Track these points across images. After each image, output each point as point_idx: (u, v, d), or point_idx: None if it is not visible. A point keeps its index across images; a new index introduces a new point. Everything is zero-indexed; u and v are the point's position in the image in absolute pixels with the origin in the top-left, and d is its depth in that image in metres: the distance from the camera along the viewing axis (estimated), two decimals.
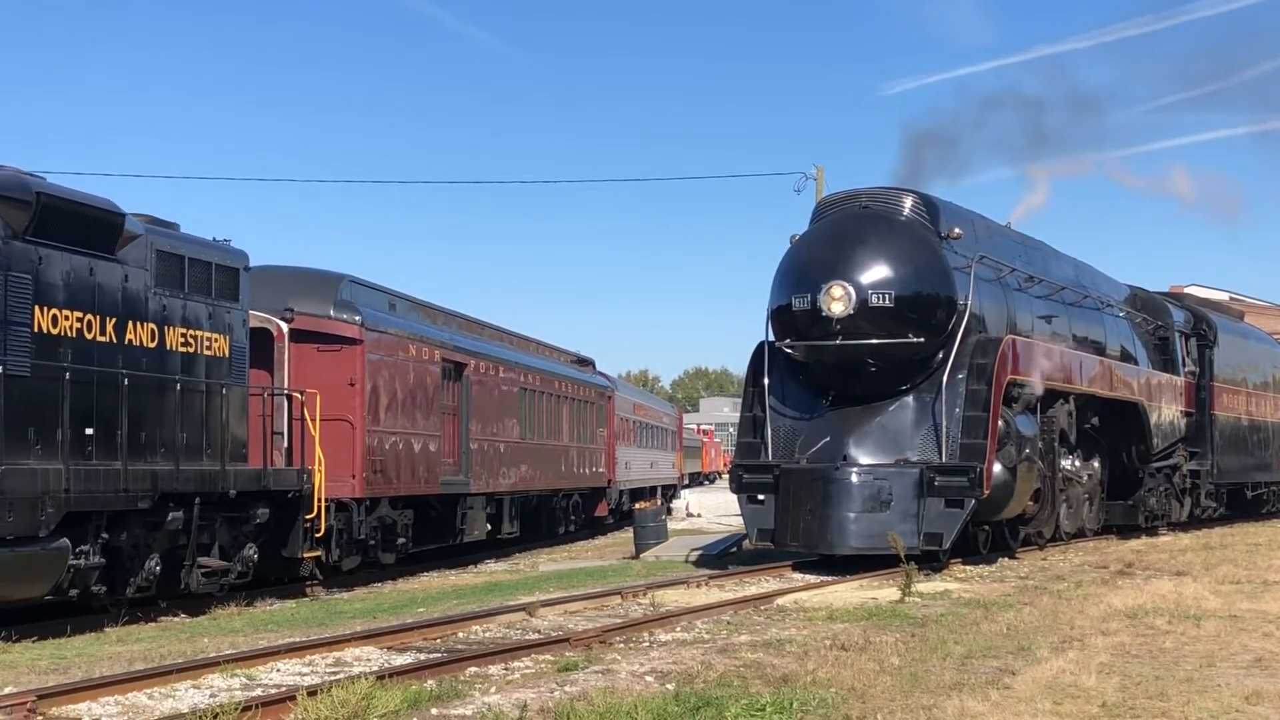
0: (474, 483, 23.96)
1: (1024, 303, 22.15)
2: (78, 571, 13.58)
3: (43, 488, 12.95)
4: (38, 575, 13.05)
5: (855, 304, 18.90)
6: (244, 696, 8.81)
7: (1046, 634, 11.92)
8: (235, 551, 16.44)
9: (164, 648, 12.12)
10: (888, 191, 20.44)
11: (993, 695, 8.80)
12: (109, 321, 14.22)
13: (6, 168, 13.60)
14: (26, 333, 13.07)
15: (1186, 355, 29.54)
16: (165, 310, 15.17)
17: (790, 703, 8.38)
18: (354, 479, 19.35)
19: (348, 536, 19.36)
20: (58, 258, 13.53)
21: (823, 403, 19.71)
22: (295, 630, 13.47)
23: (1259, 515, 33.54)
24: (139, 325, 14.69)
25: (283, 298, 18.81)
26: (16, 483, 12.65)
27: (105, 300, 14.19)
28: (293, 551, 17.58)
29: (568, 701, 8.40)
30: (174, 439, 15.15)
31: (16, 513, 12.59)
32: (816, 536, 18.56)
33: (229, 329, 16.34)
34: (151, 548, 14.88)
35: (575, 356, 35.54)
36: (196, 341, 15.70)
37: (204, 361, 15.85)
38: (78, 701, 8.93)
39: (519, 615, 13.65)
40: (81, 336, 13.77)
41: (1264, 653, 10.79)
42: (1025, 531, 21.70)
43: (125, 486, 14.11)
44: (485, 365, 24.99)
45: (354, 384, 19.46)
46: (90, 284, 14.00)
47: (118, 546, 14.36)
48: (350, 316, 19.63)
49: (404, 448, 20.90)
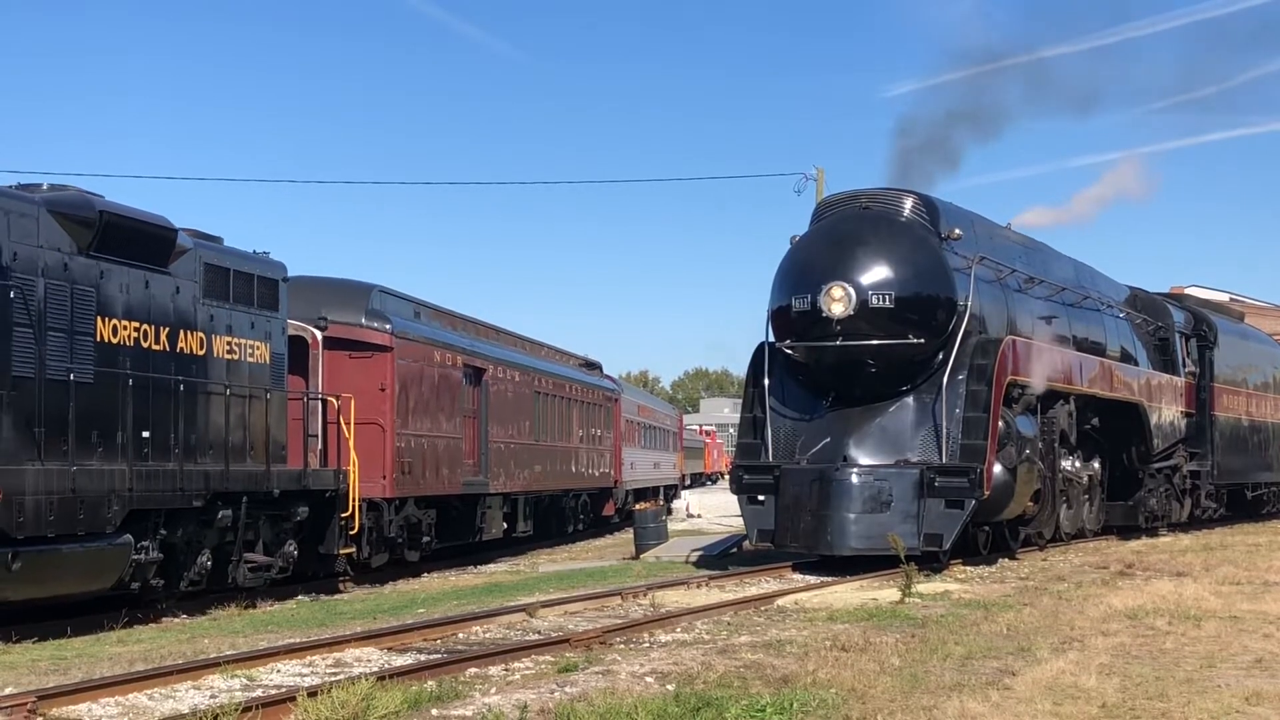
0: (493, 483, 24.89)
1: (1024, 303, 22.15)
2: (138, 566, 14.52)
3: (109, 487, 13.93)
4: (105, 569, 13.96)
5: (855, 305, 18.89)
6: (244, 697, 8.82)
7: (1047, 635, 11.91)
8: (277, 548, 17.41)
9: (164, 648, 12.13)
10: (888, 192, 20.43)
11: (993, 696, 8.80)
12: (162, 331, 15.14)
13: (69, 188, 14.45)
14: (90, 342, 13.99)
15: (1187, 356, 29.53)
16: (212, 320, 16.10)
17: (790, 703, 8.38)
18: (384, 479, 20.23)
19: (378, 534, 20.24)
20: (117, 271, 14.44)
21: (823, 403, 19.70)
22: (295, 631, 13.47)
23: (1259, 516, 33.53)
24: (189, 334, 15.64)
25: (317, 307, 19.64)
26: (86, 483, 13.61)
27: (159, 311, 15.11)
28: (329, 548, 18.45)
29: (568, 702, 8.40)
30: (221, 441, 16.08)
31: (86, 511, 13.54)
32: (817, 537, 18.55)
33: (269, 337, 17.23)
34: (203, 544, 15.88)
35: (583, 360, 36.31)
36: (240, 349, 16.61)
37: (247, 368, 16.74)
38: (78, 702, 8.94)
39: (519, 616, 13.66)
40: (138, 345, 14.72)
41: (1264, 653, 10.79)
42: (1025, 532, 21.70)
43: (181, 486, 15.13)
44: (502, 370, 26.00)
45: (384, 389, 20.35)
46: (146, 296, 14.93)
47: (173, 543, 15.30)
48: (381, 325, 20.61)
49: (429, 449, 21.82)
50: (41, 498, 13.04)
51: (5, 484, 12.61)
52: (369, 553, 19.96)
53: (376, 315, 20.72)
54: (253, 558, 16.87)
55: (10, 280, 13.00)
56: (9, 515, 12.59)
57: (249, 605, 16.45)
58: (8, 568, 12.58)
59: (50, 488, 13.18)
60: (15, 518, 12.66)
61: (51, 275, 13.56)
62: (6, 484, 12.63)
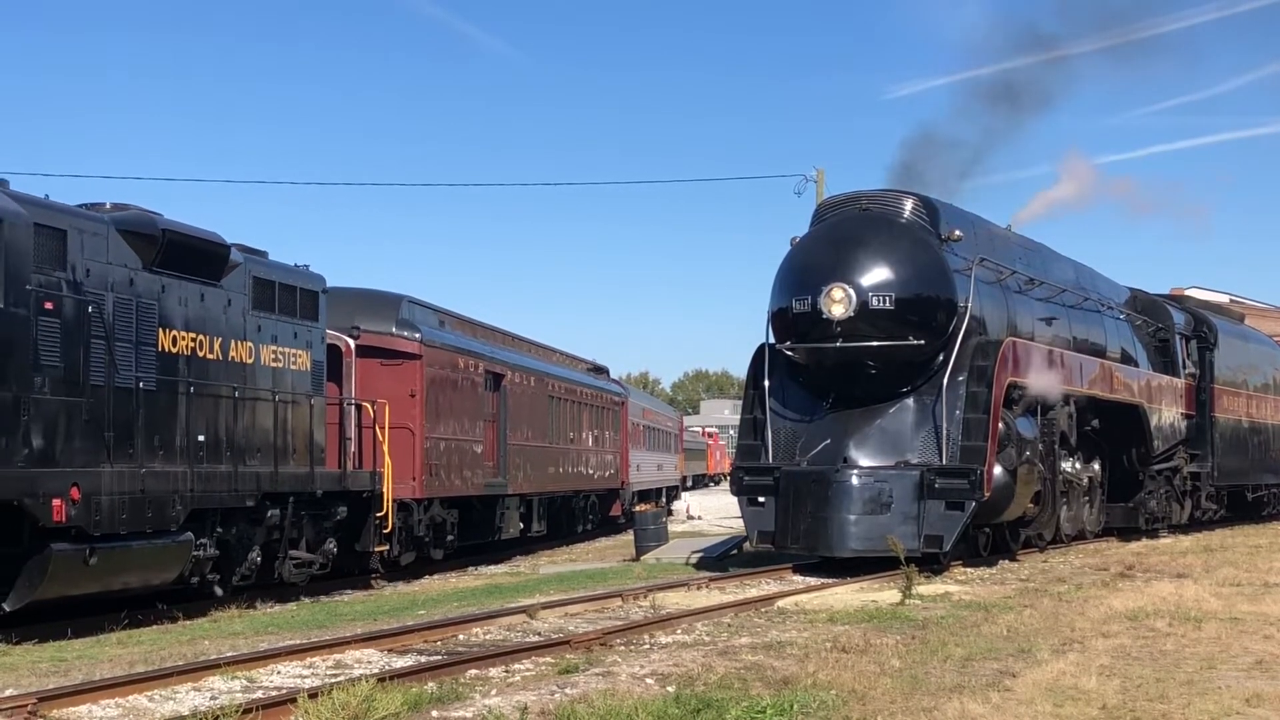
0: (511, 484, 25.85)
1: (1024, 305, 22.16)
2: (197, 561, 15.56)
3: (172, 488, 14.99)
4: (169, 564, 15.00)
5: (855, 306, 18.90)
6: (244, 699, 8.83)
7: (1047, 636, 11.92)
8: (318, 545, 18.46)
9: (164, 650, 12.13)
10: (888, 194, 20.44)
11: (993, 697, 8.80)
12: (215, 341, 16.10)
13: (133, 207, 15.14)
14: (153, 352, 14.93)
15: (1187, 357, 29.54)
16: (260, 330, 17.02)
17: (791, 705, 8.39)
18: (414, 481, 21.16)
19: (406, 534, 21.11)
20: (176, 286, 15.37)
21: (823, 405, 19.71)
22: (295, 633, 13.48)
23: (1259, 517, 33.53)
24: (239, 344, 16.57)
25: (350, 316, 20.46)
26: (153, 484, 14.63)
27: (213, 322, 16.06)
28: (365, 546, 19.57)
29: (568, 704, 8.40)
30: (269, 445, 17.04)
31: (153, 509, 14.59)
32: (817, 539, 18.56)
33: (310, 346, 18.23)
34: (253, 541, 16.88)
35: (591, 364, 37.28)
36: (285, 357, 17.59)
37: (291, 375, 17.70)
38: (78, 704, 8.94)
39: (520, 617, 13.66)
40: (195, 354, 15.70)
41: (1265, 655, 10.79)
42: (1026, 534, 21.70)
43: (235, 487, 16.16)
44: (520, 375, 26.97)
45: (414, 395, 21.30)
46: (201, 309, 15.88)
47: (227, 540, 16.33)
48: (410, 334, 21.58)
49: (454, 452, 22.84)
50: (114, 497, 13.97)
51: (84, 485, 13.49)
52: (399, 551, 20.82)
53: (406, 324, 21.66)
54: (297, 554, 17.91)
55: (84, 295, 13.87)
56: (87, 514, 13.50)
57: (249, 606, 16.49)
58: (85, 562, 13.49)
59: (122, 488, 14.11)
60: (92, 516, 13.58)
61: (119, 290, 14.42)
62: (85, 485, 13.50)
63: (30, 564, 13.07)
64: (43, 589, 13.13)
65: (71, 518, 13.25)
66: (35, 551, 13.06)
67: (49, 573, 13.08)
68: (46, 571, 13.06)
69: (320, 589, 18.69)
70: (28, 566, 13.07)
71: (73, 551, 13.35)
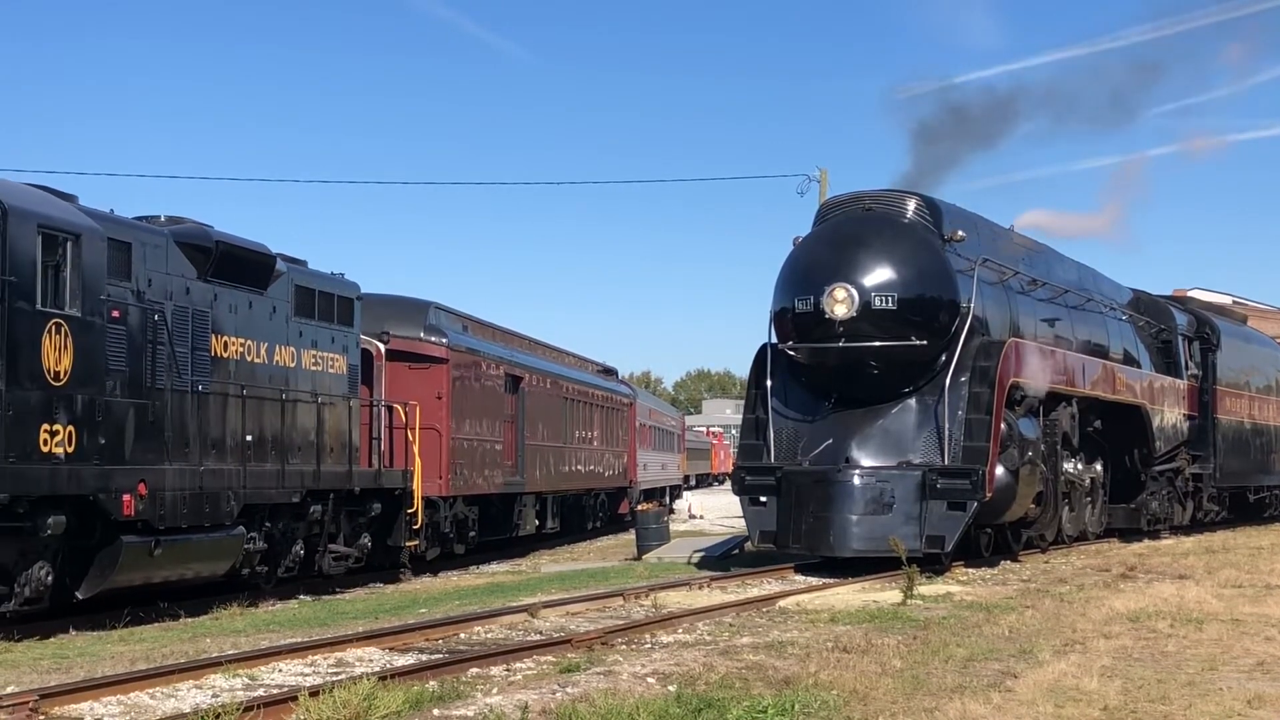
0: (528, 483, 26.86)
1: (1027, 306, 22.14)
2: (247, 554, 16.46)
3: (227, 485, 15.92)
4: (224, 556, 15.95)
5: (858, 306, 18.88)
6: (246, 697, 8.83)
7: (1048, 637, 11.92)
8: (354, 540, 19.43)
9: (166, 648, 12.13)
10: (891, 194, 20.42)
11: (994, 698, 8.80)
12: (262, 346, 16.99)
13: (188, 220, 16.02)
14: (207, 357, 15.86)
15: (1189, 359, 29.51)
16: (301, 335, 17.94)
17: (792, 705, 8.39)
18: (441, 479, 22.05)
19: (432, 529, 22.01)
20: (227, 294, 16.25)
21: (825, 405, 19.69)
22: (297, 631, 13.47)
23: (1261, 519, 33.51)
24: (283, 349, 17.49)
25: (380, 322, 21.32)
26: (210, 481, 15.56)
27: (259, 328, 16.94)
28: (397, 541, 20.46)
29: (569, 703, 8.40)
30: (309, 444, 17.94)
31: (210, 505, 15.54)
32: (818, 539, 18.55)
33: (346, 350, 19.15)
34: (296, 535, 17.89)
35: (601, 366, 38.32)
36: (324, 361, 18.53)
37: (329, 378, 18.63)
38: (80, 701, 8.94)
39: (521, 616, 13.66)
40: (243, 359, 16.60)
41: (1266, 656, 10.78)
42: (1027, 534, 21.68)
43: (283, 484, 17.10)
44: (536, 378, 28.00)
45: (441, 397, 22.18)
46: (249, 315, 16.78)
47: (273, 534, 17.29)
48: (438, 339, 22.50)
49: (477, 452, 23.79)
50: (176, 493, 14.94)
51: (150, 481, 14.40)
52: (425, 546, 21.64)
53: (433, 330, 22.56)
54: (335, 548, 18.85)
55: (147, 304, 14.75)
56: (153, 509, 14.44)
57: (251, 604, 16.51)
58: (151, 554, 14.48)
59: (182, 485, 15.06)
60: (158, 511, 14.54)
61: (177, 299, 15.33)
62: (151, 481, 14.41)
63: (103, 555, 13.98)
64: (114, 578, 14.03)
65: (139, 512, 14.15)
66: (106, 543, 13.96)
67: (119, 563, 13.98)
68: (118, 562, 13.97)
69: (354, 582, 19.59)
70: (100, 557, 13.97)
71: (140, 543, 14.28)
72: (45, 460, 12.98)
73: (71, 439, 13.33)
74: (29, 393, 12.86)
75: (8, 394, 12.57)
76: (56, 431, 13.20)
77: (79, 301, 13.51)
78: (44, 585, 13.30)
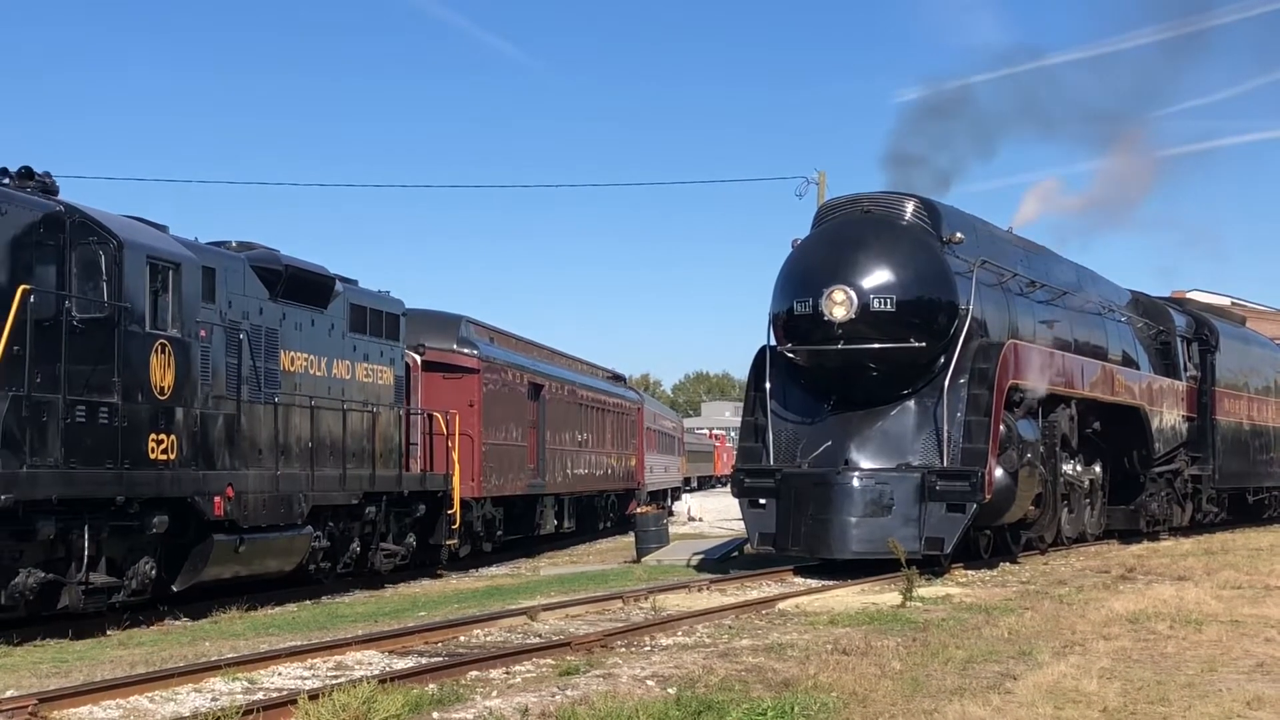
0: (549, 485, 28.43)
1: (1026, 307, 22.14)
2: (312, 551, 17.94)
3: (298, 487, 17.39)
4: (295, 553, 17.48)
5: (857, 308, 18.89)
6: (245, 700, 8.83)
7: (1048, 639, 11.92)
8: (401, 539, 20.81)
9: (165, 651, 12.13)
10: (889, 196, 20.42)
11: (994, 700, 8.80)
12: (322, 360, 18.45)
13: (259, 246, 17.42)
14: (277, 371, 17.31)
15: (1188, 360, 29.51)
16: (355, 349, 19.39)
17: (791, 707, 8.39)
18: (474, 482, 23.48)
19: (465, 529, 23.17)
20: (293, 312, 17.76)
21: (824, 407, 19.69)
22: (296, 634, 13.48)
23: (1260, 520, 33.49)
24: (340, 362, 18.93)
25: (416, 335, 22.43)
26: (285, 485, 17.07)
27: (320, 344, 18.43)
28: (438, 540, 21.86)
29: (569, 705, 8.41)
30: (362, 450, 19.30)
31: (284, 506, 17.01)
32: (818, 541, 18.55)
33: (393, 362, 20.52)
34: (353, 535, 19.32)
35: (611, 373, 40.02)
36: (374, 374, 19.92)
37: (379, 389, 20.02)
38: (79, 705, 8.94)
39: (520, 619, 13.67)
40: (307, 372, 18.05)
41: (1266, 658, 10.79)
42: (1027, 536, 21.69)
43: (344, 487, 18.58)
44: (556, 385, 29.67)
45: (473, 405, 23.70)
46: (312, 332, 18.24)
47: (334, 533, 18.72)
48: (470, 351, 24.11)
49: (504, 456, 25.31)
50: (256, 496, 16.38)
51: (236, 485, 15.84)
52: (458, 544, 22.78)
53: (466, 342, 24.14)
54: (386, 546, 20.24)
55: (228, 324, 16.21)
56: (239, 510, 15.89)
57: (250, 608, 16.52)
58: (236, 550, 15.94)
59: (261, 488, 16.50)
60: (242, 511, 15.97)
61: (252, 318, 16.75)
62: (237, 485, 15.86)
63: (196, 551, 15.49)
64: (205, 572, 15.56)
65: (227, 512, 15.66)
66: (199, 541, 15.47)
67: (210, 558, 15.52)
68: (209, 558, 15.51)
69: (400, 578, 20.89)
70: (194, 553, 15.49)
71: (228, 541, 15.77)
72: (153, 466, 14.48)
73: (173, 447, 14.87)
74: (140, 406, 14.33)
75: (124, 407, 13.97)
76: (161, 440, 14.70)
77: (179, 324, 15.04)
78: (149, 578, 14.65)
